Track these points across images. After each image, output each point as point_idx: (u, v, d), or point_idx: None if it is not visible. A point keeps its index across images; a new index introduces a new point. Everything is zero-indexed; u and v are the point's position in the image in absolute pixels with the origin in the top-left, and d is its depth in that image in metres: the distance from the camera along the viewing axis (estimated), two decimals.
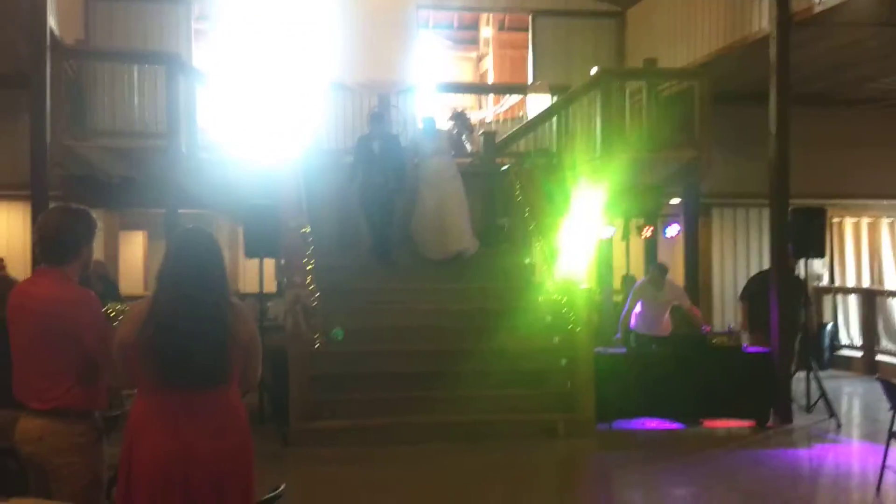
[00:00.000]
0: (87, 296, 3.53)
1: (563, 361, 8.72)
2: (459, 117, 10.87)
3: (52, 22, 8.87)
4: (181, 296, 3.20)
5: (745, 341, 9.77)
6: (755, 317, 9.59)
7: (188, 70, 9.86)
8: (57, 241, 3.52)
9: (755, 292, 9.70)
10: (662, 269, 9.82)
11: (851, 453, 7.93)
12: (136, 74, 9.72)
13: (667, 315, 9.90)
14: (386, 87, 11.12)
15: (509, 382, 8.51)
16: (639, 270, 11.27)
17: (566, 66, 13.04)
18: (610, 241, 11.13)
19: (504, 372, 8.53)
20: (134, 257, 14.62)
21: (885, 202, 13.68)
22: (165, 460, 3.14)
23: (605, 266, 11.32)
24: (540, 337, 9.01)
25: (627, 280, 11.39)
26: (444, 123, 10.86)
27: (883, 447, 6.44)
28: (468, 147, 10.72)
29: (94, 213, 3.71)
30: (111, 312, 8.10)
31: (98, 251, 11.62)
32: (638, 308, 9.78)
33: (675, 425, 8.67)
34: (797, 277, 9.86)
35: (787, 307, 9.08)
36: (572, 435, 8.09)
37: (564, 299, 8.69)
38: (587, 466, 7.69)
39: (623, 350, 9.03)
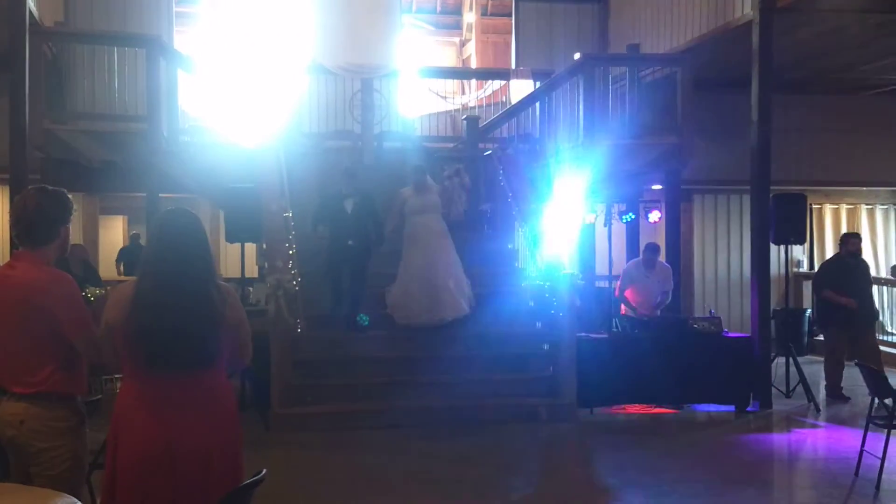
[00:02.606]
0: (63, 279, 3.49)
1: (546, 346, 8.74)
2: (458, 174, 10.38)
3: (31, 4, 8.75)
4: (164, 280, 3.18)
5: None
6: (831, 311, 9.35)
7: (169, 52, 9.74)
8: (33, 222, 3.47)
9: (830, 283, 9.40)
10: (655, 249, 9.80)
11: (830, 438, 7.97)
12: (116, 57, 9.60)
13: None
14: (368, 71, 11.04)
15: (492, 367, 8.52)
16: (620, 257, 11.29)
17: (549, 51, 13.04)
18: (592, 226, 11.14)
19: (486, 357, 8.55)
20: (114, 242, 14.49)
21: (864, 189, 13.78)
22: (153, 444, 3.12)
23: (588, 251, 11.35)
24: (523, 322, 9.03)
25: None
26: (444, 180, 9.85)
27: (861, 431, 6.49)
28: (461, 205, 9.89)
29: (74, 198, 3.65)
30: (91, 297, 8.08)
31: (77, 236, 11.53)
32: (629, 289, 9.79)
33: (656, 410, 8.72)
34: (865, 262, 9.84)
35: (865, 295, 9.38)
36: (554, 419, 8.12)
37: (547, 284, 8.70)
38: (569, 451, 7.69)
39: (605, 335, 9.06)
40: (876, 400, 6.40)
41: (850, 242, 9.57)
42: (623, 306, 9.94)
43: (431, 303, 8.60)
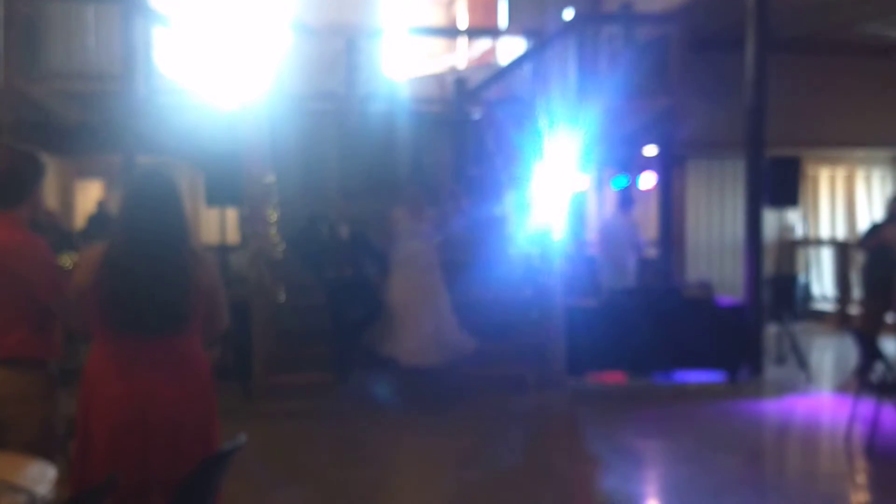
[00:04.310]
0: (35, 242, 3.44)
1: (535, 314, 8.59)
2: (454, 196, 9.84)
3: None
4: (135, 240, 3.16)
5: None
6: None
7: (145, 10, 9.41)
8: (5, 182, 3.41)
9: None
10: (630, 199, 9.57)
11: (822, 405, 7.89)
12: (91, 14, 9.29)
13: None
14: (352, 29, 10.73)
15: (479, 335, 8.36)
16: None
17: (540, 9, 12.72)
18: (584, 192, 10.95)
19: (474, 325, 8.37)
20: (91, 207, 14.09)
21: (860, 153, 13.56)
22: (124, 408, 3.10)
23: (579, 217, 11.17)
24: (511, 290, 8.87)
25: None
26: (441, 202, 8.85)
27: (852, 398, 6.45)
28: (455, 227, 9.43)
29: (49, 160, 3.59)
30: (68, 264, 7.86)
31: (53, 200, 11.27)
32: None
33: (646, 378, 8.61)
34: None
35: None
36: (543, 388, 8.01)
37: (537, 251, 8.54)
38: (557, 419, 7.60)
39: (595, 302, 8.92)
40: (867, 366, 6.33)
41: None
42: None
43: (415, 346, 7.73)
